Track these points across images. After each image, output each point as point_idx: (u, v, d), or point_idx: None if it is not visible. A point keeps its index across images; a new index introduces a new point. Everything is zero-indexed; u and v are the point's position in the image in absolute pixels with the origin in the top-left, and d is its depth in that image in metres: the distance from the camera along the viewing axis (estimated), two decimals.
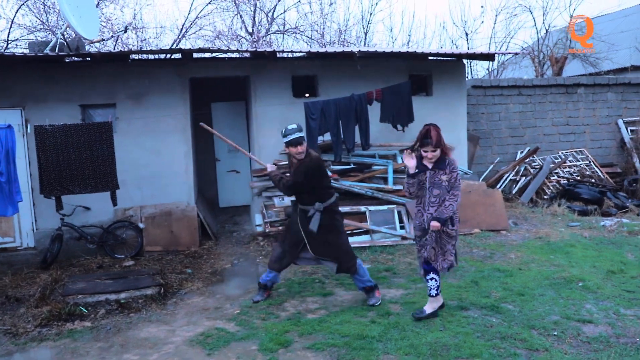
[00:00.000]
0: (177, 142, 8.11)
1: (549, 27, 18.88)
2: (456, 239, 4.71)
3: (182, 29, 14.68)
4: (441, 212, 4.47)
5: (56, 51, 7.66)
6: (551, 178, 10.65)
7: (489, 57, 9.32)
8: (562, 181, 10.57)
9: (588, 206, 9.49)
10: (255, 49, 8.66)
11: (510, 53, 12.26)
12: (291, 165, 5.34)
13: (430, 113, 9.09)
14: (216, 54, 8.24)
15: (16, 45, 12.98)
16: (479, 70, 21.04)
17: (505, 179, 10.89)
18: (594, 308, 4.83)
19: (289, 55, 8.70)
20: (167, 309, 5.45)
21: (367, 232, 7.57)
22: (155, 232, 7.81)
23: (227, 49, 8.37)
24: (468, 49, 19.14)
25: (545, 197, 10.19)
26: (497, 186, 10.58)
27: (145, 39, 14.98)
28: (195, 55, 8.13)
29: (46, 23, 13.30)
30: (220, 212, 10.35)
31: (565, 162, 11.24)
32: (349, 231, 5.13)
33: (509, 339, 4.21)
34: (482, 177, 10.96)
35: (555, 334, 4.30)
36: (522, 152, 11.46)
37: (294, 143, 5.06)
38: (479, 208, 8.18)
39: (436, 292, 4.71)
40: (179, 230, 7.89)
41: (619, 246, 6.99)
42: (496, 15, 25.55)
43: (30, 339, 4.75)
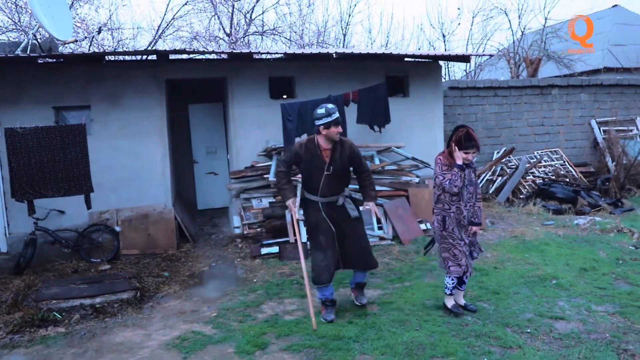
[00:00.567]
0: (154, 144, 8.03)
1: (524, 29, 19.18)
2: None
3: (158, 30, 14.56)
4: (478, 215, 4.75)
5: (28, 52, 7.53)
6: (527, 178, 10.80)
7: (464, 58, 9.43)
8: (538, 181, 10.73)
9: (563, 205, 9.65)
10: (232, 50, 8.60)
11: (485, 54, 12.43)
12: (318, 156, 4.76)
13: (407, 114, 9.19)
14: (193, 55, 8.18)
15: None
16: (456, 71, 21.30)
17: (482, 179, 11.01)
18: (566, 305, 4.92)
19: (266, 57, 8.69)
20: (143, 313, 5.39)
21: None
22: (132, 235, 7.73)
23: (202, 50, 8.31)
24: (445, 50, 19.34)
25: (521, 196, 10.33)
26: None
27: (121, 40, 14.82)
28: (171, 57, 8.07)
29: (18, 23, 13.07)
30: (198, 215, 10.29)
31: (540, 162, 11.42)
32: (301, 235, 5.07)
33: (483, 337, 4.25)
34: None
35: (529, 331, 4.36)
36: (498, 153, 11.61)
37: (337, 122, 4.66)
38: None
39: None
40: (156, 233, 7.82)
41: (591, 244, 7.12)
42: (473, 17, 25.93)
43: (2, 346, 4.65)
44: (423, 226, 7.92)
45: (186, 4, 14.83)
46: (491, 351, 4.01)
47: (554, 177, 11.04)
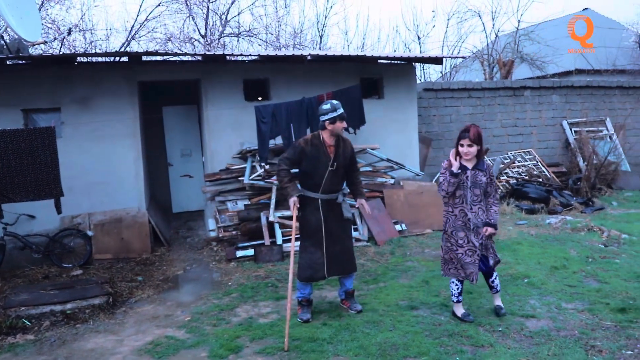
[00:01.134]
0: (127, 147, 7.94)
1: (498, 31, 19.48)
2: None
3: (130, 31, 14.38)
4: (494, 217, 4.59)
5: None
6: (501, 178, 10.96)
7: (437, 60, 9.53)
8: (511, 181, 10.89)
9: (535, 205, 9.81)
10: (205, 52, 8.55)
11: (458, 57, 12.59)
12: (323, 152, 4.79)
13: (382, 116, 9.24)
14: (165, 57, 8.11)
15: None
16: (431, 73, 21.51)
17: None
18: (537, 303, 4.99)
19: (240, 59, 8.66)
20: (115, 319, 5.31)
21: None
22: (105, 239, 7.62)
23: (174, 52, 8.25)
24: (420, 52, 19.52)
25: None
26: None
27: (94, 41, 14.60)
28: (144, 59, 7.99)
29: None
30: (174, 218, 10.19)
31: (514, 163, 11.59)
32: (298, 235, 5.06)
33: (456, 336, 4.30)
34: (435, 178, 11.16)
35: (500, 329, 4.41)
36: None
37: (342, 117, 4.75)
38: (431, 209, 8.33)
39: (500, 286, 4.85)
40: (130, 237, 7.72)
41: (562, 243, 7.24)
42: (448, 20, 26.16)
43: None
44: (398, 227, 7.97)
45: (159, 5, 14.69)
46: (463, 350, 4.04)
47: (527, 177, 11.22)
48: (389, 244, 7.50)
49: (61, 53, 10.64)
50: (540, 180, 11.17)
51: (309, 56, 8.13)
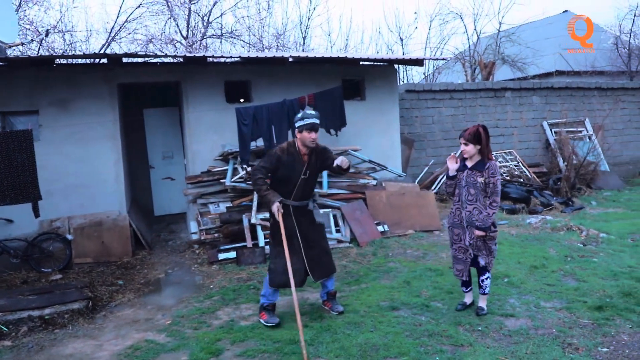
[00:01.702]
0: (107, 149, 7.86)
1: (479, 33, 19.66)
2: (496, 238, 4.83)
3: (110, 33, 14.24)
4: (485, 221, 4.57)
5: None
6: None
7: (417, 62, 9.58)
8: None
9: (516, 205, 9.91)
10: (185, 54, 8.51)
11: (438, 58, 12.70)
12: (298, 160, 4.78)
13: (364, 117, 9.27)
14: (146, 58, 8.05)
15: None
16: (414, 74, 21.62)
17: (440, 181, 11.20)
18: (516, 302, 5.04)
19: (221, 60, 8.63)
20: (95, 323, 5.25)
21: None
22: (85, 243, 7.53)
23: (154, 54, 8.19)
24: (403, 54, 19.62)
25: None
26: (432, 187, 10.87)
27: (73, 43, 14.44)
28: (124, 60, 7.92)
29: None
30: (155, 221, 10.10)
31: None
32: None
33: (436, 336, 4.32)
34: (418, 179, 11.23)
35: (480, 329, 4.45)
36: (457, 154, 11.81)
37: (309, 127, 4.70)
38: (413, 209, 8.37)
39: (489, 289, 4.84)
40: (111, 240, 7.64)
41: (542, 242, 7.32)
42: (430, 22, 26.40)
43: None
44: (381, 228, 7.99)
45: (139, 6, 14.58)
46: (443, 350, 4.07)
47: (508, 178, 11.33)
48: (371, 245, 7.52)
49: (39, 55, 10.51)
50: (521, 180, 11.30)
51: (291, 58, 8.13)
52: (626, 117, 14.23)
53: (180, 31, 15.71)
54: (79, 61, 8.09)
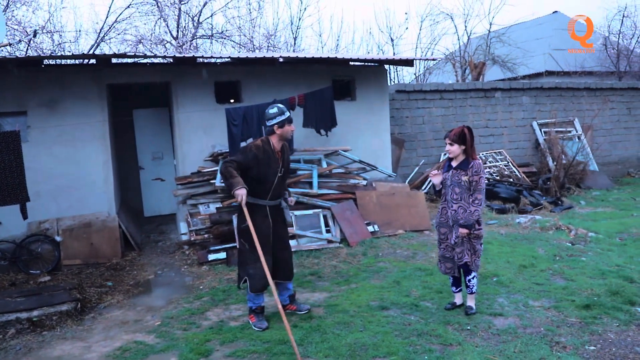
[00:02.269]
0: (96, 150, 7.82)
1: (470, 34, 19.75)
2: (482, 237, 4.84)
3: (100, 33, 14.16)
4: (467, 218, 4.59)
5: None
6: None
7: (408, 62, 9.61)
8: None
9: (506, 204, 9.96)
10: (175, 54, 8.47)
11: (429, 59, 12.72)
12: (273, 158, 4.71)
13: (354, 117, 9.29)
14: (135, 59, 8.01)
15: None
16: (405, 75, 21.69)
17: (430, 181, 11.23)
18: (505, 301, 5.07)
19: (211, 61, 8.61)
20: (84, 325, 5.22)
21: (293, 237, 7.58)
22: (74, 244, 7.49)
23: (144, 54, 8.15)
24: (394, 54, 19.67)
25: None
26: (423, 187, 10.91)
27: (62, 43, 14.34)
28: (113, 61, 7.89)
29: None
30: (145, 222, 10.06)
31: (485, 163, 11.76)
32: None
33: (425, 336, 4.34)
34: (409, 179, 11.27)
35: (469, 328, 4.47)
36: (445, 154, 11.87)
37: (290, 120, 4.72)
38: (403, 209, 8.40)
39: (476, 288, 4.85)
40: (100, 242, 7.60)
41: (531, 241, 7.37)
42: (421, 22, 26.48)
43: None
44: (371, 228, 8.01)
45: (129, 6, 14.50)
46: (432, 349, 4.09)
47: (498, 178, 11.39)
48: (361, 245, 7.53)
49: (27, 55, 10.43)
50: (511, 180, 11.36)
51: (281, 58, 8.13)
52: (615, 117, 14.36)
53: (170, 32, 15.66)
54: (68, 62, 8.02)
